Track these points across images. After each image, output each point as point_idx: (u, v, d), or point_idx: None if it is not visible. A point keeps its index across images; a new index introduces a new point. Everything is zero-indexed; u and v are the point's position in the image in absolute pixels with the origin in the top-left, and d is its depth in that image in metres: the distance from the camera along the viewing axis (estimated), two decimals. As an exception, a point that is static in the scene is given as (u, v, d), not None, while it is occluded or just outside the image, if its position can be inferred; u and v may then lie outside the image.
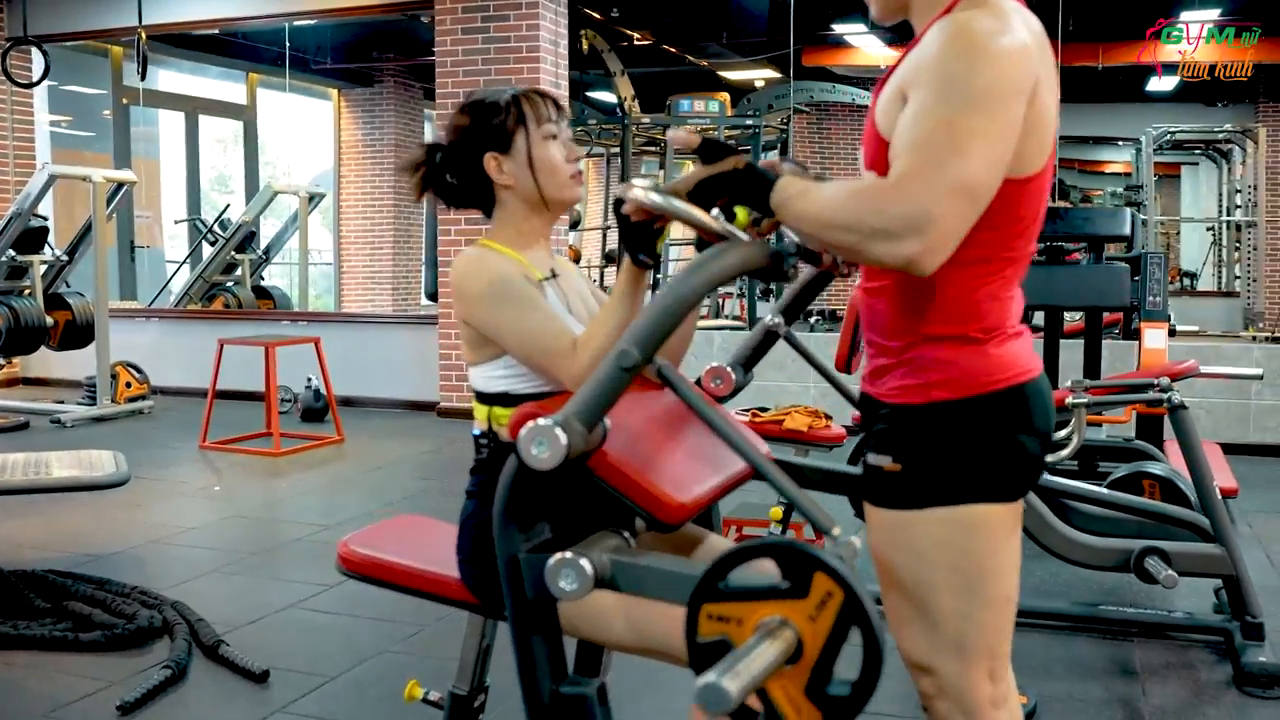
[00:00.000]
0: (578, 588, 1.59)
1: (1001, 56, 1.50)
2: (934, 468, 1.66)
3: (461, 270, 1.97)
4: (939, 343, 1.65)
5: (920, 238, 1.43)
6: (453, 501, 5.57)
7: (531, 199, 2.02)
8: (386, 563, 2.10)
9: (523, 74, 7.22)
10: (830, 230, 1.50)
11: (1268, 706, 3.07)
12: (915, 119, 1.50)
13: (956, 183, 1.44)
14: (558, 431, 1.56)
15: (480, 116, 2.01)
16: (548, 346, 1.89)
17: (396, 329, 8.61)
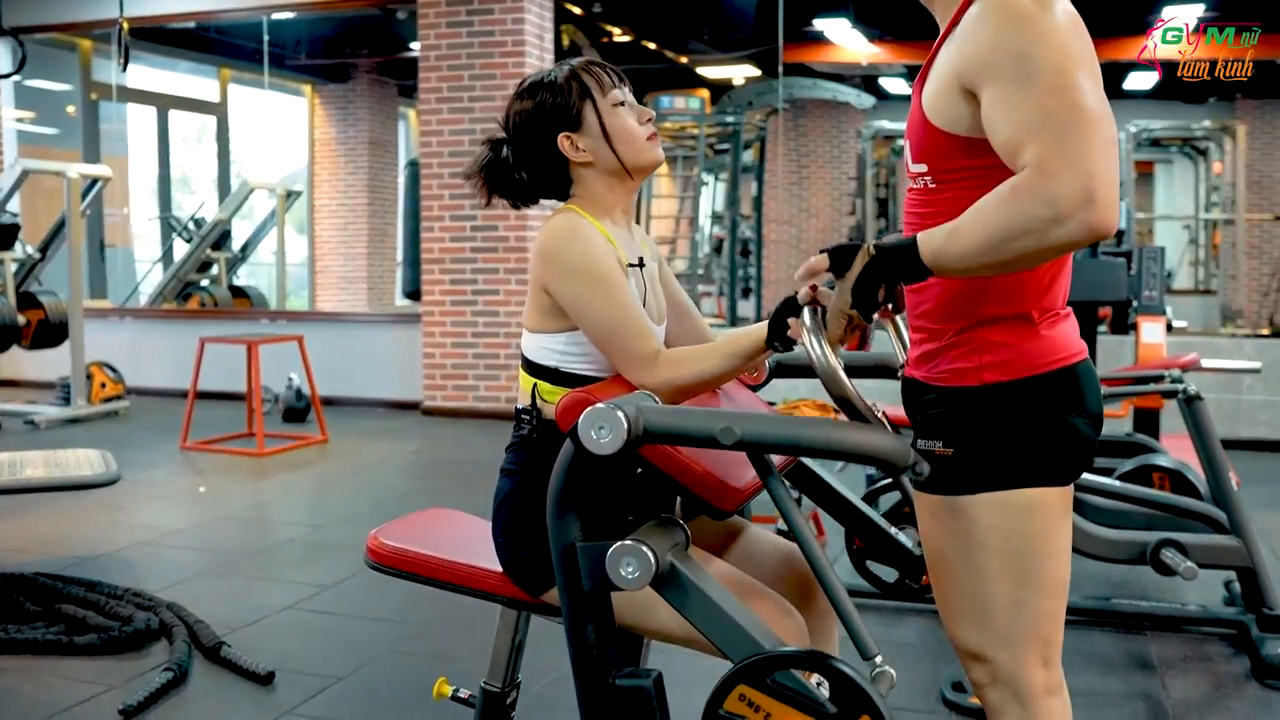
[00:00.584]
0: (639, 576, 1.54)
1: (1060, 22, 1.49)
2: (986, 451, 1.63)
3: (555, 236, 1.88)
4: (996, 324, 1.62)
5: (1094, 205, 1.38)
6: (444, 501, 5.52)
7: (613, 170, 1.94)
8: (419, 556, 2.01)
9: (508, 69, 7.13)
10: (1006, 246, 1.43)
11: None
12: (1014, 106, 1.46)
13: (1095, 135, 1.41)
14: (620, 416, 1.49)
15: (543, 98, 1.93)
16: (630, 346, 1.82)
17: (379, 327, 8.50)
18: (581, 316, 1.85)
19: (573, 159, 1.94)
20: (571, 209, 1.93)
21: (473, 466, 6.12)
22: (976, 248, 1.44)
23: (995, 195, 1.44)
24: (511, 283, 7.27)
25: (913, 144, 1.64)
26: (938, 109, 1.57)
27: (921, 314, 1.70)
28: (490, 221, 7.27)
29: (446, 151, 7.30)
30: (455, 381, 7.46)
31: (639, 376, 1.81)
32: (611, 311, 1.82)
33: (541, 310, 1.91)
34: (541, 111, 1.93)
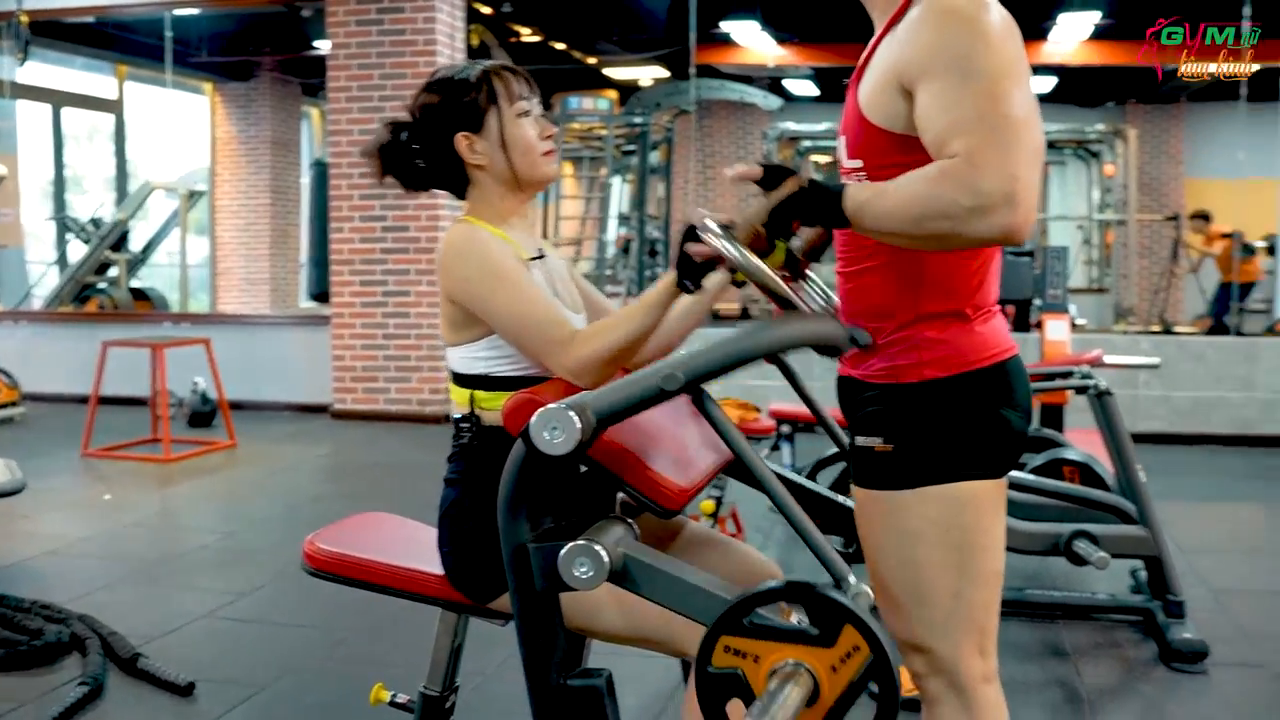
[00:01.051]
0: (593, 575, 1.53)
1: (1000, 26, 1.53)
2: (926, 446, 1.66)
3: (452, 247, 1.88)
4: (933, 321, 1.66)
5: (1015, 206, 1.42)
6: (359, 505, 5.46)
7: (506, 179, 1.96)
8: (359, 560, 1.99)
9: (419, 68, 7.06)
10: (922, 222, 1.47)
11: (1196, 680, 3.15)
12: (949, 102, 1.49)
13: (1025, 145, 1.45)
14: (572, 416, 1.49)
15: (450, 95, 1.93)
16: (545, 334, 1.82)
17: (287, 330, 8.36)
18: (491, 318, 1.85)
19: (467, 159, 1.94)
20: (466, 220, 1.95)
21: (385, 469, 6.05)
22: (897, 215, 1.48)
23: (925, 172, 1.48)
24: (423, 284, 7.21)
25: (848, 140, 1.67)
26: (875, 106, 1.60)
27: (856, 313, 1.73)
28: (401, 222, 7.20)
29: (356, 151, 7.20)
30: (366, 384, 7.37)
31: (561, 361, 1.80)
32: (518, 306, 1.82)
33: (454, 323, 1.91)
34: (445, 107, 1.93)
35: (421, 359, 7.26)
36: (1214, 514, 5.16)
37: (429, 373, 7.27)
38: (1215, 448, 6.63)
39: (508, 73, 1.96)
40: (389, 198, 7.18)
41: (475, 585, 1.90)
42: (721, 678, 1.44)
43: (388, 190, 7.15)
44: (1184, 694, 3.06)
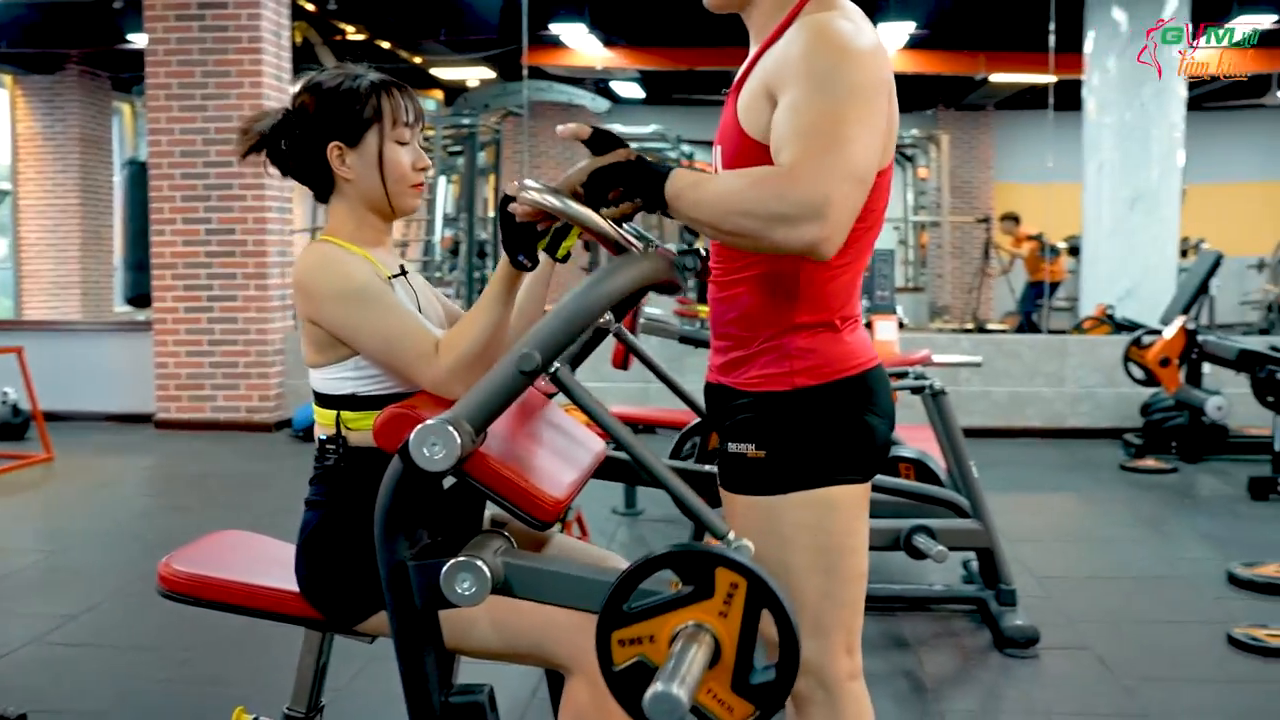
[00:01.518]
0: (476, 591, 1.53)
1: (868, 55, 1.58)
2: (796, 452, 1.71)
3: (308, 267, 1.85)
4: (803, 331, 1.71)
5: (821, 222, 1.46)
6: (191, 518, 5.27)
7: (372, 200, 1.92)
8: (218, 581, 1.93)
9: (244, 65, 6.86)
10: (730, 217, 1.50)
11: (1028, 664, 3.30)
12: (795, 111, 1.54)
13: (848, 169, 1.49)
14: (451, 431, 1.48)
15: (334, 101, 1.88)
16: (408, 348, 1.79)
17: (104, 336, 8.00)
18: (355, 339, 1.82)
19: (336, 171, 1.90)
20: (323, 240, 1.91)
21: (216, 480, 5.86)
22: (708, 206, 1.52)
23: (747, 172, 1.53)
24: (250, 288, 7.00)
25: (725, 150, 1.70)
26: (750, 118, 1.64)
27: (729, 321, 1.76)
28: (227, 225, 6.97)
29: (178, 151, 6.94)
30: (191, 392, 7.11)
31: (428, 373, 1.78)
32: (382, 323, 1.80)
33: (317, 344, 1.87)
34: (326, 111, 1.88)
35: (250, 365, 7.05)
36: (1033, 504, 5.42)
37: (257, 380, 7.07)
38: (1030, 440, 6.97)
39: (399, 93, 1.91)
40: (214, 199, 6.95)
41: (337, 610, 1.86)
42: (629, 671, 1.44)
43: (212, 192, 6.96)
44: (1019, 678, 3.22)
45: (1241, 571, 4.07)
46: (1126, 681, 3.17)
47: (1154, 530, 4.89)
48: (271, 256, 7.04)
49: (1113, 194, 8.63)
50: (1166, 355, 6.14)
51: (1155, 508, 5.29)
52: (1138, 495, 5.51)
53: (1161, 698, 3.07)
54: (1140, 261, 8.50)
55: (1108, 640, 3.49)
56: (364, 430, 1.85)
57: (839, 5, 1.66)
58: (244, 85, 6.89)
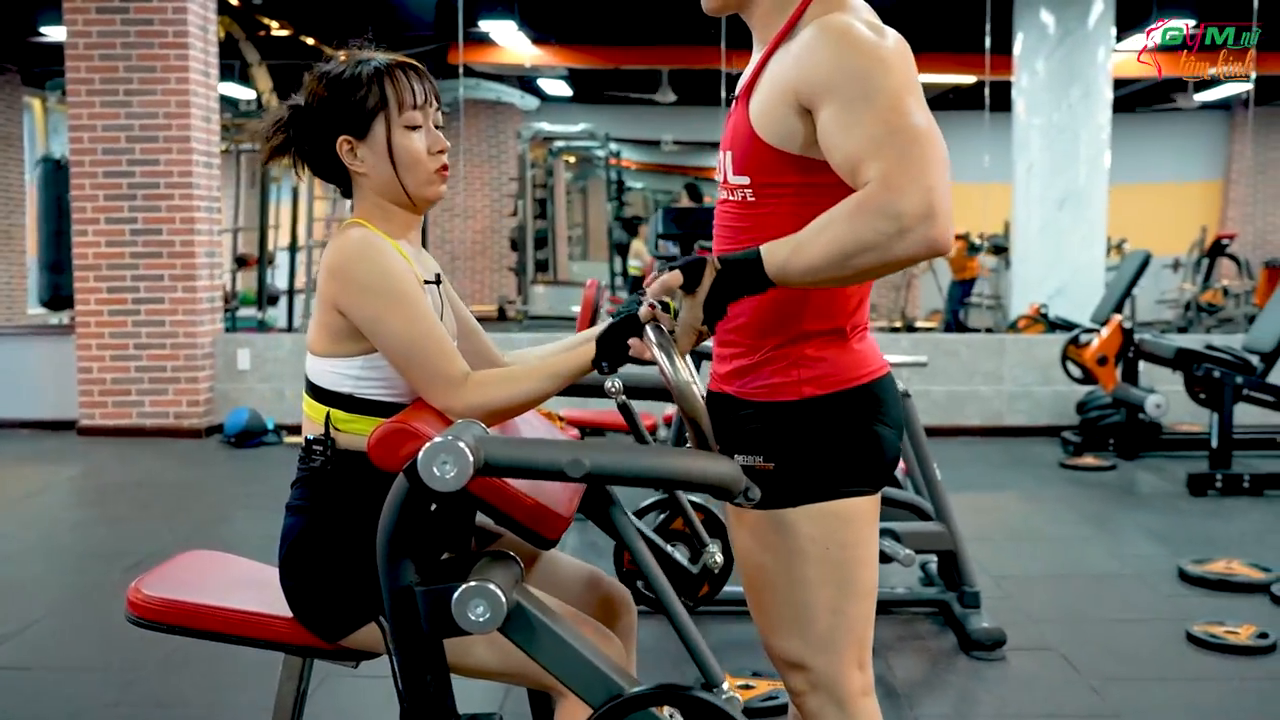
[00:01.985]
0: (489, 618, 1.46)
1: (898, 53, 1.55)
2: (807, 463, 1.66)
3: (348, 252, 1.74)
4: (812, 340, 1.67)
5: (935, 219, 1.42)
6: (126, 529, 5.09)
7: (390, 193, 1.82)
8: (194, 606, 1.82)
9: (170, 61, 6.64)
10: (850, 262, 1.46)
11: (996, 667, 3.30)
12: (852, 126, 1.49)
13: (932, 155, 1.45)
14: (464, 448, 1.40)
15: (334, 92, 1.78)
16: (435, 368, 1.71)
17: (22, 341, 7.73)
18: (381, 338, 1.72)
19: (349, 166, 1.81)
20: (361, 223, 1.80)
21: (148, 489, 5.66)
22: (823, 262, 1.47)
23: (841, 211, 1.47)
24: (178, 290, 6.79)
25: (735, 156, 1.64)
26: (767, 124, 1.59)
27: (734, 329, 1.71)
28: (153, 225, 6.75)
29: (100, 149, 6.71)
30: (116, 397, 6.88)
31: (446, 400, 1.70)
32: (413, 331, 1.71)
33: (333, 333, 1.77)
34: (331, 104, 1.78)
35: (178, 369, 6.84)
36: (979, 503, 5.45)
37: (186, 384, 6.86)
38: (970, 439, 7.02)
39: (404, 74, 1.80)
40: (139, 198, 6.73)
41: (324, 622, 1.77)
42: None
43: (137, 190, 6.74)
44: (989, 680, 3.21)
45: (1192, 568, 4.12)
46: (1093, 681, 3.17)
47: (1100, 528, 4.94)
48: (200, 257, 6.83)
49: (1042, 194, 8.74)
50: (1104, 354, 6.22)
51: (1098, 505, 5.35)
52: (1080, 492, 5.57)
53: (1130, 697, 3.08)
54: (1069, 261, 8.63)
55: (1070, 640, 3.50)
56: (354, 433, 1.76)
57: (849, 4, 1.61)
58: (170, 81, 6.68)
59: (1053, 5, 8.68)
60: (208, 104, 6.96)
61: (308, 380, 1.82)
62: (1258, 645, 3.40)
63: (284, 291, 10.41)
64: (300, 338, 7.43)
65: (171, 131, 6.70)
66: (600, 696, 1.45)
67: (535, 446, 1.50)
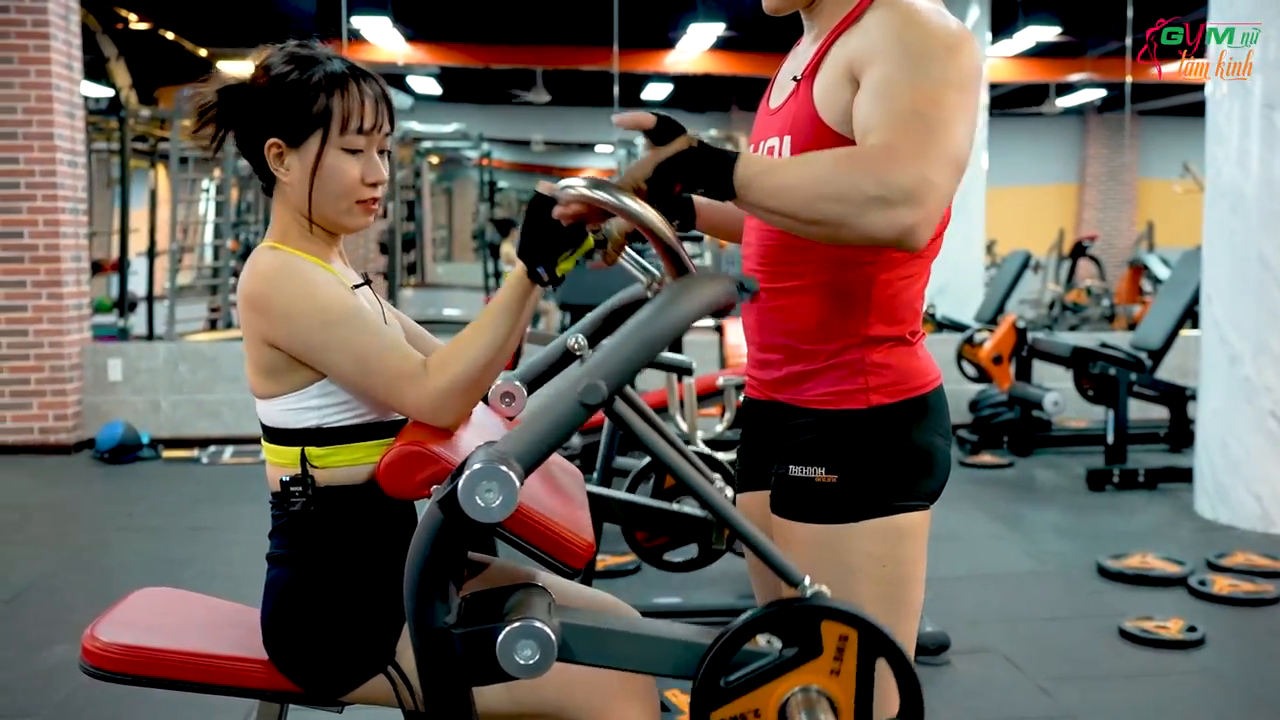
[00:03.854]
0: (540, 659, 1.32)
1: (966, 43, 1.47)
2: (870, 476, 1.58)
3: (264, 279, 1.56)
4: (878, 345, 1.58)
5: (919, 207, 1.32)
6: (2, 558, 4.71)
7: (313, 212, 1.64)
8: (160, 652, 1.63)
9: (29, 52, 6.22)
10: (816, 203, 1.34)
11: (943, 671, 3.27)
12: (889, 94, 1.40)
13: (949, 154, 1.37)
14: (509, 473, 1.26)
15: (278, 90, 1.59)
16: (390, 368, 1.54)
17: None
18: (325, 361, 1.56)
19: (273, 170, 1.63)
20: (273, 246, 1.62)
21: (18, 511, 5.27)
22: (790, 192, 1.36)
23: (834, 152, 1.38)
24: (43, 297, 6.37)
25: (795, 139, 1.53)
26: (828, 105, 1.50)
27: (786, 333, 1.61)
28: (13, 227, 6.32)
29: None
30: (-26, 413, 6.43)
31: (415, 397, 1.54)
32: (358, 342, 1.54)
33: (271, 370, 1.59)
34: (269, 101, 1.59)
35: (43, 381, 6.41)
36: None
37: (53, 397, 6.44)
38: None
39: (359, 91, 1.60)
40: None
41: (325, 680, 1.60)
42: None
43: (-7, 191, 6.30)
44: (937, 685, 3.16)
45: (1111, 564, 4.18)
46: (1041, 682, 3.17)
47: (1011, 526, 4.99)
48: (66, 263, 6.42)
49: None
50: (999, 353, 6.32)
51: (1004, 503, 5.41)
52: (982, 490, 5.63)
53: (1078, 697, 3.08)
54: (950, 260, 8.75)
55: (1009, 641, 3.50)
56: (335, 467, 1.60)
57: None
58: (29, 73, 6.26)
59: (930, 9, 8.82)
60: (71, 99, 6.55)
61: (265, 427, 1.64)
62: (1189, 639, 3.46)
63: (143, 298, 9.93)
64: (174, 346, 7.06)
65: (32, 128, 6.28)
66: (690, 663, 1.31)
67: (546, 412, 1.32)
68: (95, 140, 10.35)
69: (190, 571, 4.19)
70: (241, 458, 6.36)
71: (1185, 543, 4.61)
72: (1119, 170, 15.63)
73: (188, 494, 5.61)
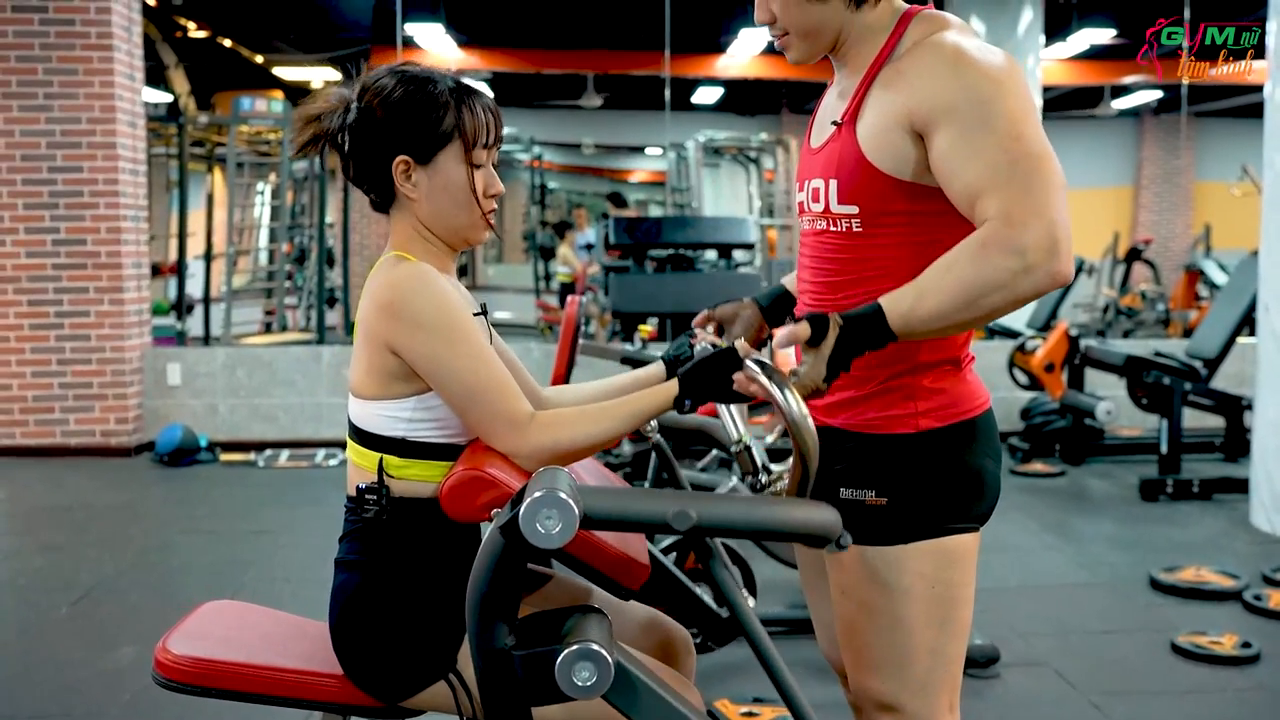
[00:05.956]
0: (596, 682, 1.37)
1: (1013, 67, 1.52)
2: (922, 498, 1.62)
3: (402, 288, 1.62)
4: (930, 370, 1.63)
5: (1058, 253, 1.40)
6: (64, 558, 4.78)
7: (438, 225, 1.71)
8: (231, 665, 1.69)
9: (93, 63, 6.36)
10: (977, 305, 1.42)
11: (993, 684, 3.27)
12: (975, 152, 1.45)
13: (1052, 183, 1.43)
14: (569, 501, 1.30)
15: (407, 109, 1.66)
16: (499, 408, 1.60)
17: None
18: (441, 378, 1.61)
19: (399, 187, 1.69)
20: (406, 256, 1.69)
21: (81, 512, 5.40)
22: (950, 306, 1.41)
23: (963, 252, 1.42)
24: (104, 303, 6.51)
25: (841, 184, 1.57)
26: (879, 150, 1.53)
27: None
28: (77, 235, 6.46)
29: (19, 155, 6.40)
30: (39, 415, 6.57)
31: (511, 442, 1.60)
32: (475, 369, 1.60)
33: (384, 374, 1.65)
34: (398, 118, 1.66)
35: (105, 386, 6.56)
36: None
37: (114, 401, 6.58)
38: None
39: (482, 109, 1.69)
40: (61, 208, 6.44)
41: (387, 684, 1.65)
42: None
43: (59, 199, 6.45)
44: (987, 699, 3.17)
45: (1164, 577, 4.15)
46: (1092, 697, 3.16)
47: (1063, 536, 4.97)
48: (127, 269, 6.56)
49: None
50: (1051, 361, 6.28)
51: (1056, 512, 5.38)
52: (1034, 500, 5.61)
53: (1129, 713, 3.08)
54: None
55: (1060, 654, 3.49)
56: (410, 480, 1.65)
57: (953, 23, 1.57)
58: (94, 84, 6.40)
59: (984, 14, 8.77)
60: (133, 108, 6.69)
61: (354, 426, 1.70)
62: (1243, 655, 3.43)
63: (199, 300, 10.10)
64: (232, 351, 7.19)
65: (95, 137, 6.42)
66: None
67: (635, 498, 1.40)
68: (154, 145, 10.54)
69: (251, 575, 4.28)
70: (297, 461, 6.47)
71: (1240, 555, 4.57)
72: (1175, 173, 15.44)
73: (246, 497, 5.72)
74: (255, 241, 11.73)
